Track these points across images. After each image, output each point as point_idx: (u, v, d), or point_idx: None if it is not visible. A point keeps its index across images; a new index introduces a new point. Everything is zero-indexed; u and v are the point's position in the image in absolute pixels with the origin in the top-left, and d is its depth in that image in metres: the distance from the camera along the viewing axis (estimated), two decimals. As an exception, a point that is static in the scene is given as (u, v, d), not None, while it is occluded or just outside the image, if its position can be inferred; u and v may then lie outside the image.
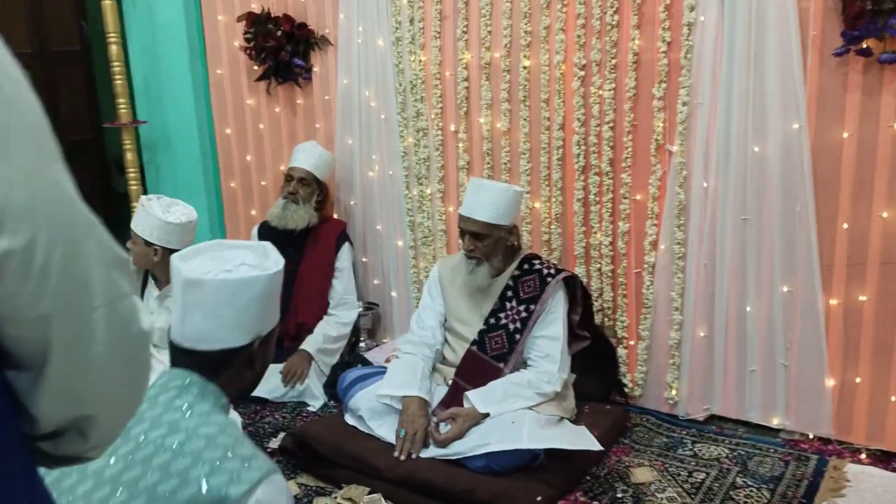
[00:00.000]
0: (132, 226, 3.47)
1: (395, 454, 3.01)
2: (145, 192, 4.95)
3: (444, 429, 3.05)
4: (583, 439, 2.99)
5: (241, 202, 4.66)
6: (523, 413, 3.02)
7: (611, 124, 3.40)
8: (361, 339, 4.33)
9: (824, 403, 3.20)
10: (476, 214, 3.14)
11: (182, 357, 1.75)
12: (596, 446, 2.96)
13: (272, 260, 1.85)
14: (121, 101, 4.60)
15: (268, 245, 1.93)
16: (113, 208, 4.81)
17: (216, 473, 1.52)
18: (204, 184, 4.79)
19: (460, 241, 3.29)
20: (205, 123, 4.70)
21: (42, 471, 0.92)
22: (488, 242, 3.18)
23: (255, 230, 4.22)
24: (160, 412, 1.63)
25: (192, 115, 4.68)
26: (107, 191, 6.48)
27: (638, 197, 3.44)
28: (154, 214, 3.40)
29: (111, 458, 1.55)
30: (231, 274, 1.76)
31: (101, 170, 6.48)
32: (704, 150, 3.23)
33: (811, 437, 3.27)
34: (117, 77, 4.58)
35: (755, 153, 3.13)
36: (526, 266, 3.27)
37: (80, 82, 6.64)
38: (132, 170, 4.70)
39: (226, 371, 1.76)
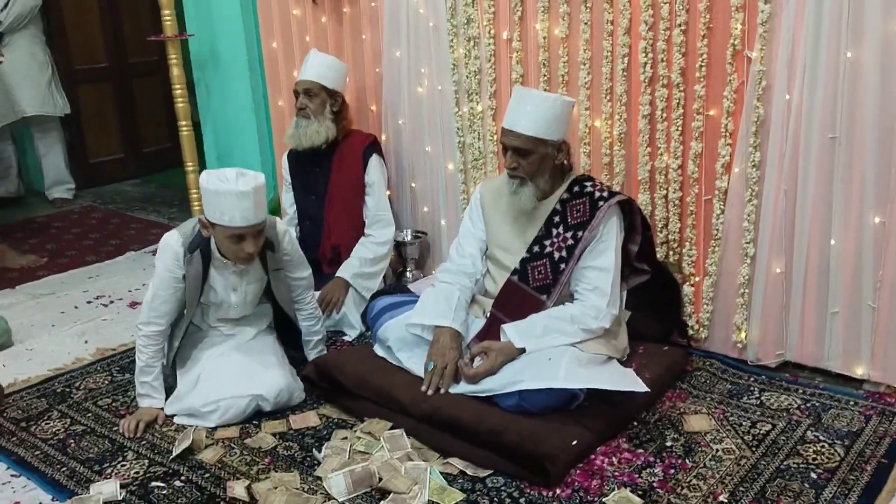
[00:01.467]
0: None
1: (423, 388, 2.75)
2: (195, 113, 4.78)
3: (477, 363, 2.76)
4: (627, 381, 2.66)
5: (289, 121, 4.38)
6: (563, 350, 2.70)
7: (682, 27, 2.98)
8: (408, 269, 4.06)
9: (917, 353, 2.78)
10: (519, 127, 2.79)
11: None
12: (641, 388, 2.63)
13: None
14: (166, 12, 4.39)
15: None
16: (177, 133, 4.61)
17: None
18: (253, 102, 4.56)
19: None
20: (252, 36, 4.45)
21: None
22: (533, 160, 2.83)
23: (284, 157, 3.97)
24: None
25: (240, 27, 4.44)
26: (172, 113, 6.32)
27: (712, 112, 3.02)
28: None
29: None
30: None
31: (166, 91, 6.33)
32: (788, 57, 2.79)
33: (900, 390, 2.86)
34: (161, -15, 4.37)
35: (848, 59, 2.68)
36: (576, 188, 2.91)
37: (145, 2, 6.48)
38: (178, 86, 4.51)
39: None
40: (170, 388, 2.98)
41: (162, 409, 2.92)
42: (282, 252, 3.00)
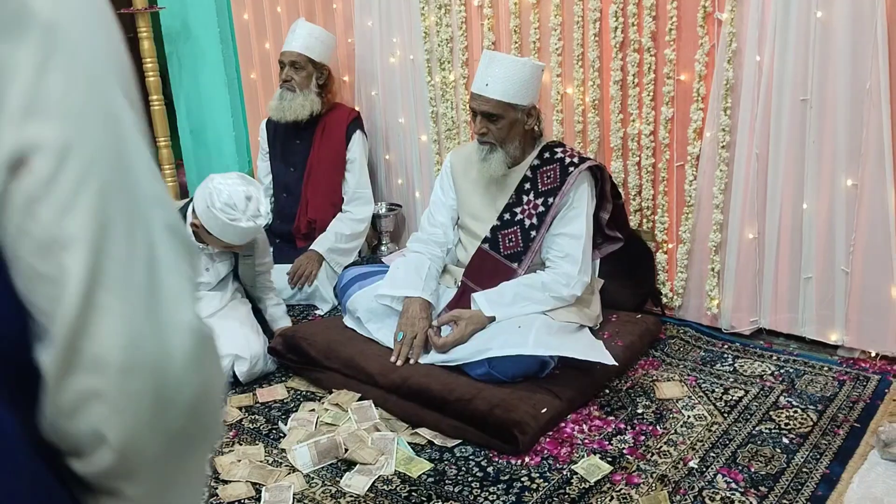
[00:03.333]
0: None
1: (392, 359, 2.71)
2: (165, 87, 4.70)
3: (446, 332, 2.72)
4: (596, 351, 2.63)
5: (262, 96, 4.34)
6: (534, 317, 2.67)
7: (652, -10, 2.94)
8: (383, 242, 4.01)
9: (890, 317, 2.75)
10: (488, 91, 2.74)
11: None
12: (609, 360, 2.60)
13: None
14: (136, -16, 4.30)
15: None
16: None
17: None
18: (225, 76, 4.48)
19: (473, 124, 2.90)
20: (224, 8, 4.37)
21: None
22: (503, 125, 2.78)
23: (262, 125, 3.90)
24: None
25: None
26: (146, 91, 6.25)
27: (683, 77, 2.98)
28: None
29: None
30: None
31: (140, 69, 6.26)
32: (759, 18, 2.74)
33: (873, 355, 2.83)
34: (130, -42, 4.28)
35: (819, 20, 2.63)
36: (547, 155, 2.87)
37: (118, -22, 6.38)
38: (149, 60, 4.42)
39: None
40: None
41: None
42: (255, 240, 3.05)
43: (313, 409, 2.66)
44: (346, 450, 2.40)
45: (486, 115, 2.77)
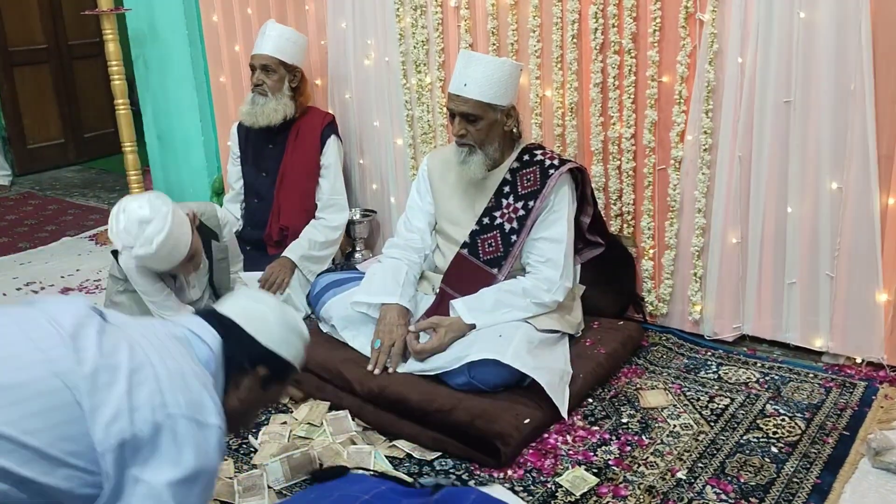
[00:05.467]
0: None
1: (369, 367, 2.62)
2: (132, 91, 4.58)
3: (424, 339, 2.64)
4: (559, 391, 2.52)
5: (232, 99, 4.23)
6: (516, 326, 2.59)
7: (633, -10, 2.88)
8: (357, 249, 3.92)
9: (876, 322, 2.71)
10: (466, 92, 2.66)
11: None
12: (563, 410, 2.49)
13: None
14: (100, -15, 4.18)
15: None
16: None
17: None
18: (194, 79, 4.36)
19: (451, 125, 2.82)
20: (192, 10, 4.25)
21: None
22: (482, 126, 2.70)
23: (233, 128, 3.78)
24: None
25: (179, 0, 4.23)
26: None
27: (665, 79, 2.92)
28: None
29: None
30: None
31: (108, 74, 6.14)
32: (741, 18, 2.69)
33: (859, 361, 2.79)
34: (95, -42, 4.16)
35: (802, 20, 2.59)
36: (526, 157, 2.80)
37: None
38: (114, 63, 4.30)
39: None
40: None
41: None
42: (223, 242, 2.97)
43: (285, 422, 2.56)
44: (321, 465, 2.30)
45: (464, 116, 2.69)
